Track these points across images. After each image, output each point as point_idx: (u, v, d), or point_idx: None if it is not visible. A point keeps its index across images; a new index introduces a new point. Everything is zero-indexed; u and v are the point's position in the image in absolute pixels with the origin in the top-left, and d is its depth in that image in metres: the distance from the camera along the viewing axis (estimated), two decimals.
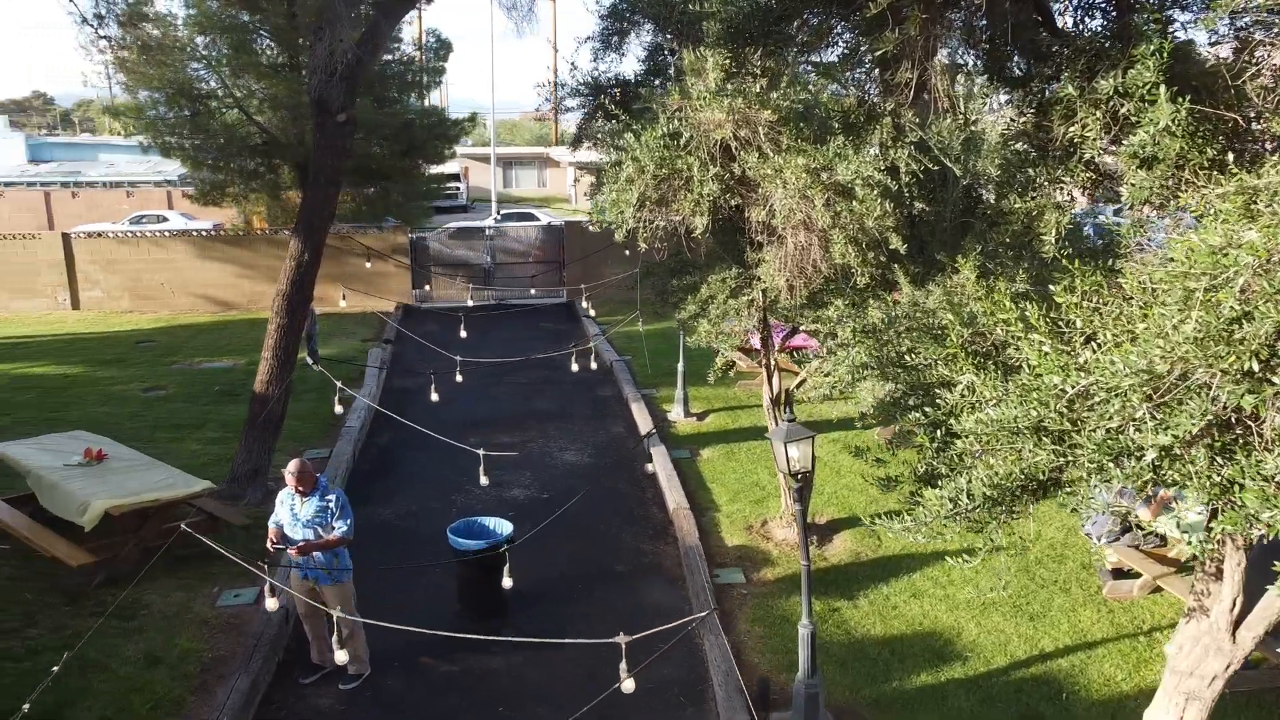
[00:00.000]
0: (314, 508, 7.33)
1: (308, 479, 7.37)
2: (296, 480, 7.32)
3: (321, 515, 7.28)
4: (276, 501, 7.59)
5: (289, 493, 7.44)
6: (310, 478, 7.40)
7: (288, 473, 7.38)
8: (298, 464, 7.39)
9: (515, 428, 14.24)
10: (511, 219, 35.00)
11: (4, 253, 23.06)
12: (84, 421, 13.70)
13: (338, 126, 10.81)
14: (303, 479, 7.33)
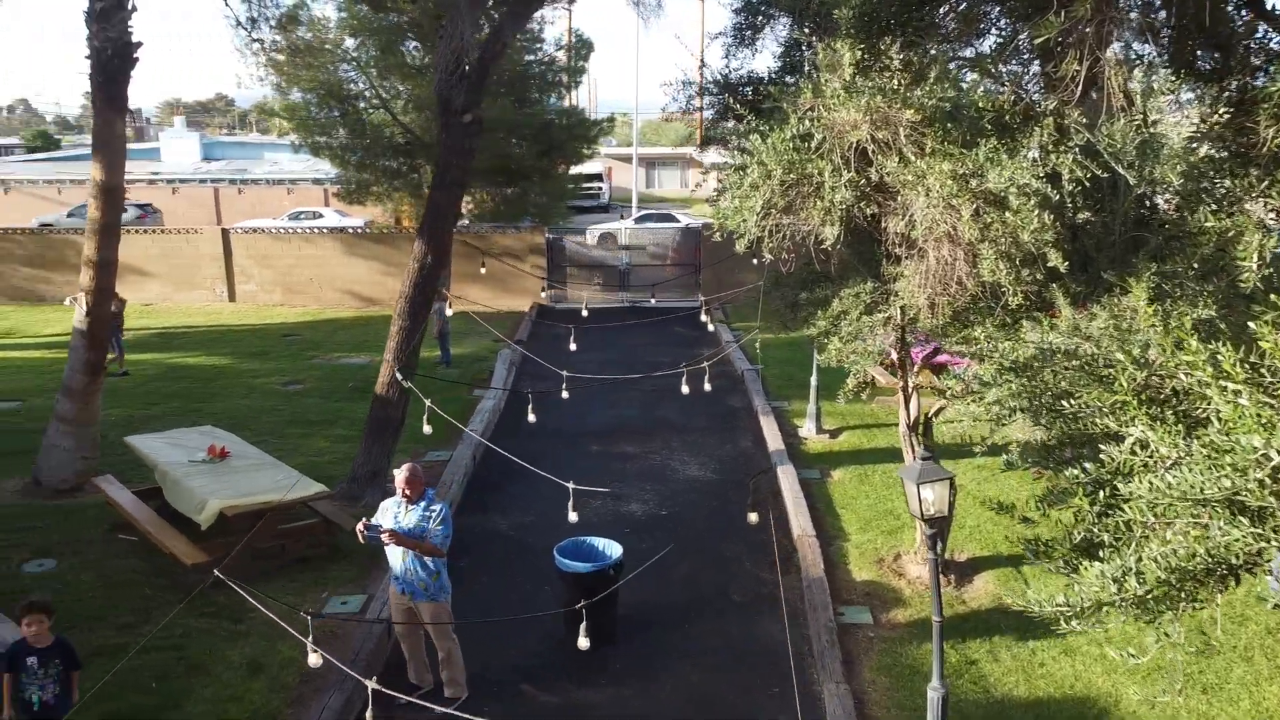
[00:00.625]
0: (417, 516, 7.08)
1: (416, 486, 7.13)
2: (405, 485, 7.09)
3: (423, 524, 7.01)
4: (380, 509, 7.37)
5: (396, 500, 7.22)
6: (419, 485, 7.16)
7: (397, 478, 7.16)
8: (409, 469, 7.16)
9: (638, 437, 13.81)
10: (650, 220, 34.75)
11: (170, 246, 24.34)
12: (225, 413, 14.13)
13: (463, 127, 10.62)
14: (411, 485, 7.10)
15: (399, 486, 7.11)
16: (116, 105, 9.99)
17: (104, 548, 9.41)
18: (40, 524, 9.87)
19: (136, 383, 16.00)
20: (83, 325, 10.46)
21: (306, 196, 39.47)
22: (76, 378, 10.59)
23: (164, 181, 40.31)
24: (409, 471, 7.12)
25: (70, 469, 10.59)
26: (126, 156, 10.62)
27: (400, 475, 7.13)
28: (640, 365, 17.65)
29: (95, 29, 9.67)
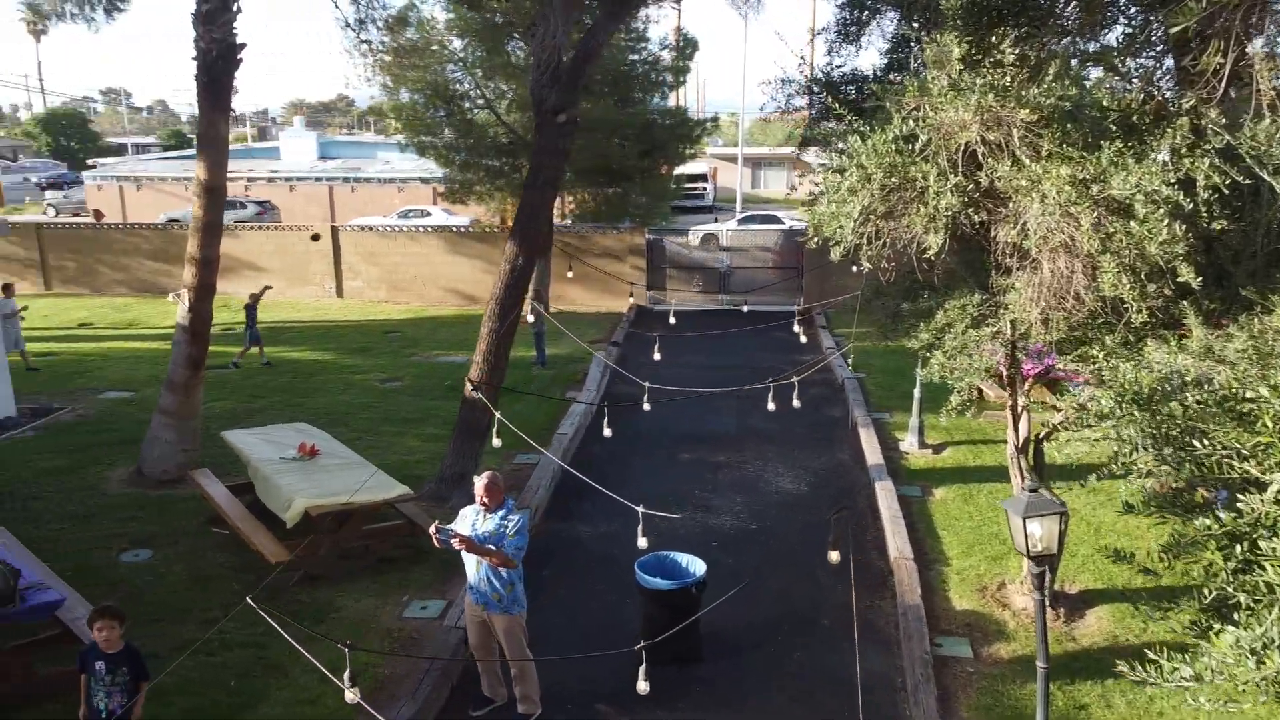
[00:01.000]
0: (494, 525, 6.91)
1: (495, 494, 6.96)
2: (484, 494, 6.94)
3: (499, 534, 6.83)
4: (459, 515, 7.24)
5: (475, 508, 7.06)
6: (498, 493, 6.99)
7: (476, 486, 7.01)
8: (488, 478, 7.00)
9: (731, 446, 13.45)
10: (754, 221, 34.25)
11: (285, 243, 25.09)
12: (323, 409, 14.36)
13: (557, 127, 10.45)
14: (490, 493, 6.94)
15: (478, 494, 6.96)
16: (220, 106, 10.18)
17: (197, 541, 9.58)
18: (140, 514, 10.13)
19: (243, 376, 16.44)
20: (185, 321, 10.71)
21: (416, 195, 40.27)
22: (179, 372, 10.85)
23: (282, 179, 41.72)
24: (488, 480, 6.96)
25: (172, 461, 10.86)
26: (229, 156, 10.82)
27: (480, 483, 6.98)
28: (735, 371, 17.30)
29: (201, 30, 9.85)
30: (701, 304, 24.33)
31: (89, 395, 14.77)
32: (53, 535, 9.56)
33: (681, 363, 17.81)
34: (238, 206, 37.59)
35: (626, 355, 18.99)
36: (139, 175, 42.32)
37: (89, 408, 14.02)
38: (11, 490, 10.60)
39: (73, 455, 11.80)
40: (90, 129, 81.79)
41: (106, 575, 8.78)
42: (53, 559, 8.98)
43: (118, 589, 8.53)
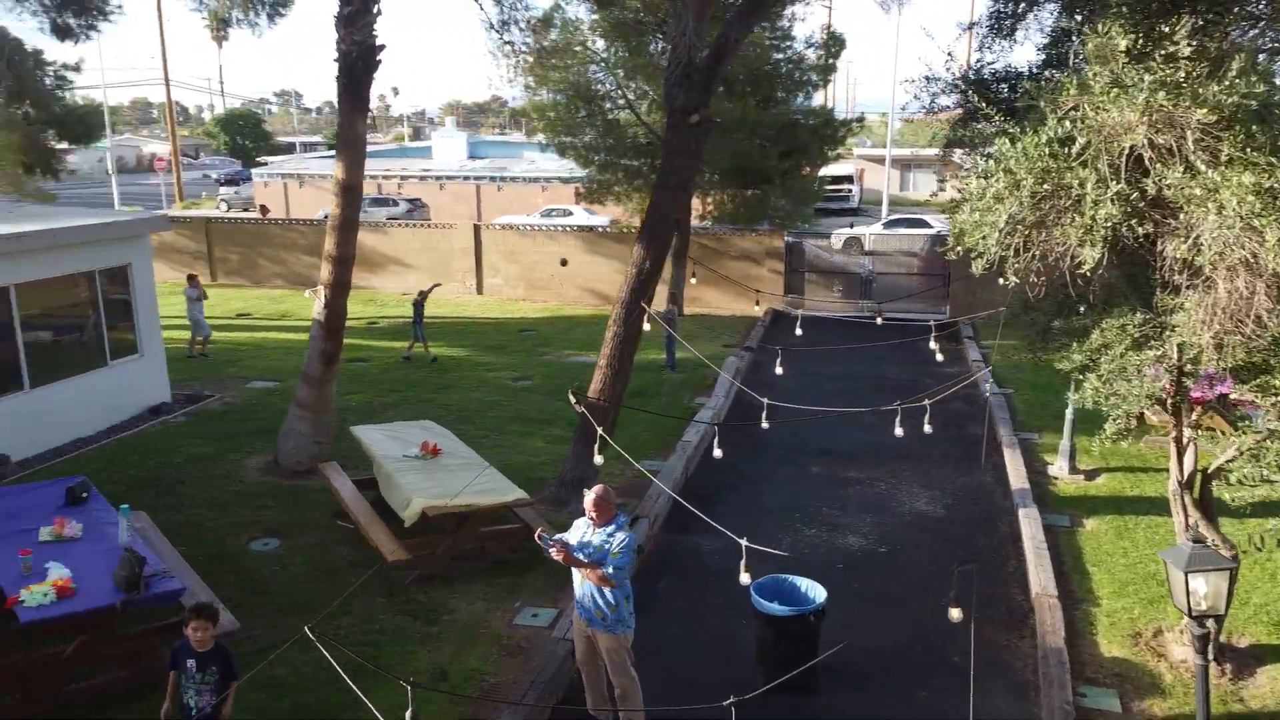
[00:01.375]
0: (600, 540, 6.69)
1: (604, 510, 6.74)
2: (593, 509, 6.72)
3: (602, 554, 6.60)
4: (573, 525, 7.07)
5: (586, 520, 6.87)
6: (607, 509, 6.76)
7: (586, 499, 6.80)
8: (598, 492, 6.79)
9: (864, 461, 12.86)
10: (900, 225, 33.07)
11: (429, 240, 25.77)
12: (454, 405, 14.56)
13: (689, 128, 10.17)
14: (599, 508, 6.72)
15: (587, 508, 6.75)
16: (359, 106, 10.37)
17: (323, 533, 9.78)
18: (272, 504, 10.43)
19: (381, 370, 16.89)
20: (321, 317, 10.98)
21: (559, 194, 40.83)
22: (314, 366, 11.14)
23: (433, 178, 43.07)
24: (598, 494, 6.73)
25: (305, 453, 11.16)
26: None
27: (589, 497, 6.76)
28: (868, 384, 16.60)
29: (343, 33, 10.05)
30: (840, 310, 23.61)
31: (238, 384, 15.46)
32: (192, 520, 9.95)
33: (812, 372, 17.28)
34: (390, 204, 39.04)
35: (760, 361, 18.54)
36: (301, 173, 44.49)
37: (237, 396, 14.65)
38: (159, 475, 11.12)
39: (217, 442, 12.31)
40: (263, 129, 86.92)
41: (236, 562, 9.05)
42: (189, 544, 9.35)
43: (245, 577, 8.77)
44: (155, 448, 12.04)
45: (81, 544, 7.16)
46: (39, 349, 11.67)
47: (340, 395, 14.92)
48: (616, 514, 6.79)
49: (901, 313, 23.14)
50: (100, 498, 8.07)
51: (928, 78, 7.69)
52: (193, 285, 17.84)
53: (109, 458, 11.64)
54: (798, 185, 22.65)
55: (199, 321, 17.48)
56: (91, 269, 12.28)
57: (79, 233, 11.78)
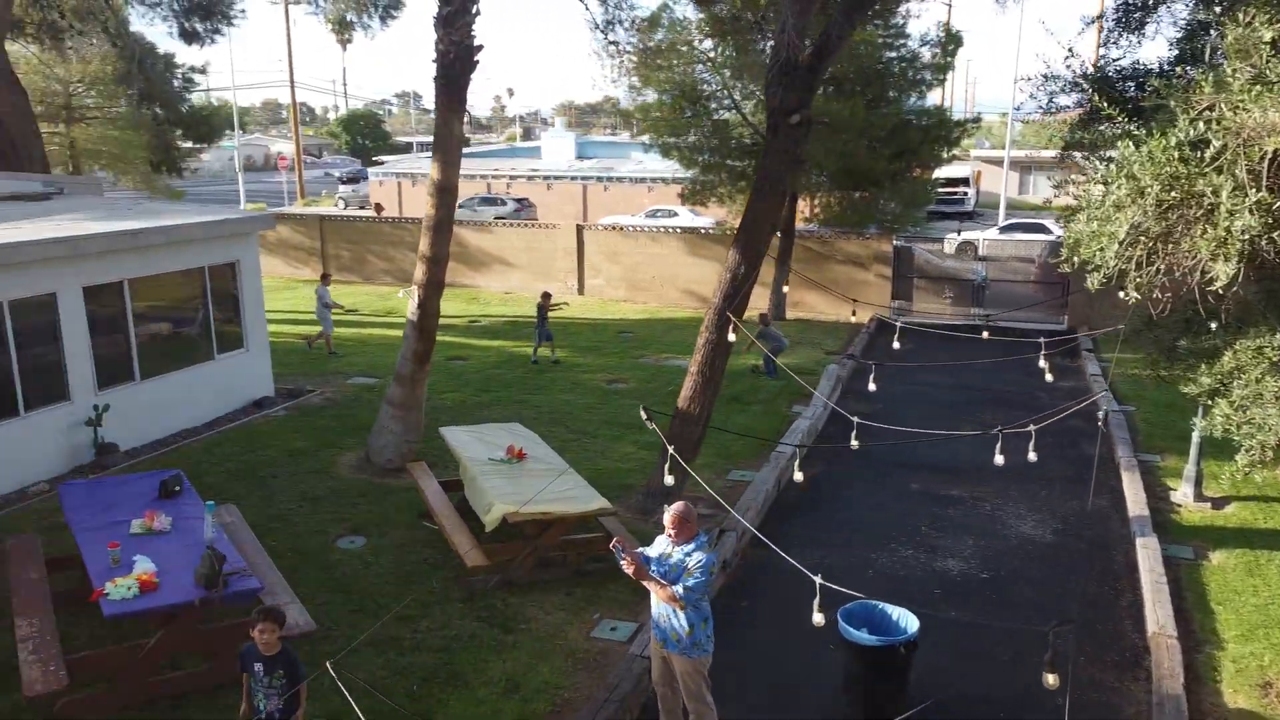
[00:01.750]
0: (678, 558, 6.40)
1: (683, 528, 6.43)
2: (671, 526, 6.44)
3: (679, 573, 6.32)
4: (655, 540, 6.80)
5: (665, 537, 6.60)
6: (687, 528, 6.44)
7: (666, 515, 6.54)
8: (678, 509, 6.47)
9: (969, 478, 12.23)
10: (1018, 230, 31.77)
11: (532, 240, 25.93)
12: (547, 406, 14.50)
13: (789, 129, 9.80)
14: (678, 526, 6.43)
15: (666, 523, 6.48)
16: (455, 107, 10.36)
17: (407, 533, 9.78)
18: (361, 501, 10.51)
19: (477, 369, 16.98)
20: (414, 317, 11.02)
21: (665, 195, 40.69)
22: (406, 365, 11.20)
23: (541, 178, 43.48)
24: (678, 511, 6.43)
25: (395, 451, 11.22)
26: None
27: (669, 513, 6.48)
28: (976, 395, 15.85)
29: (441, 33, 10.05)
30: (950, 318, 22.73)
31: (340, 379, 15.75)
32: (283, 514, 10.10)
33: (919, 381, 16.63)
34: (498, 203, 39.56)
35: (866, 368, 17.92)
36: (414, 172, 45.49)
37: (337, 391, 14.92)
38: (255, 468, 11.35)
39: (314, 437, 12.52)
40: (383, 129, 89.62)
41: (321, 559, 9.11)
42: (277, 538, 9.48)
43: (328, 575, 8.82)
44: (254, 441, 12.32)
45: (169, 538, 7.28)
46: (150, 342, 12.08)
47: (436, 394, 15.06)
48: (699, 532, 6.49)
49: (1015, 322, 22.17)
50: (192, 492, 8.22)
51: (1046, 75, 7.16)
52: (325, 283, 18.35)
53: (209, 449, 11.96)
54: (908, 188, 21.89)
55: (326, 318, 17.97)
56: (201, 265, 12.66)
57: (190, 230, 12.14)
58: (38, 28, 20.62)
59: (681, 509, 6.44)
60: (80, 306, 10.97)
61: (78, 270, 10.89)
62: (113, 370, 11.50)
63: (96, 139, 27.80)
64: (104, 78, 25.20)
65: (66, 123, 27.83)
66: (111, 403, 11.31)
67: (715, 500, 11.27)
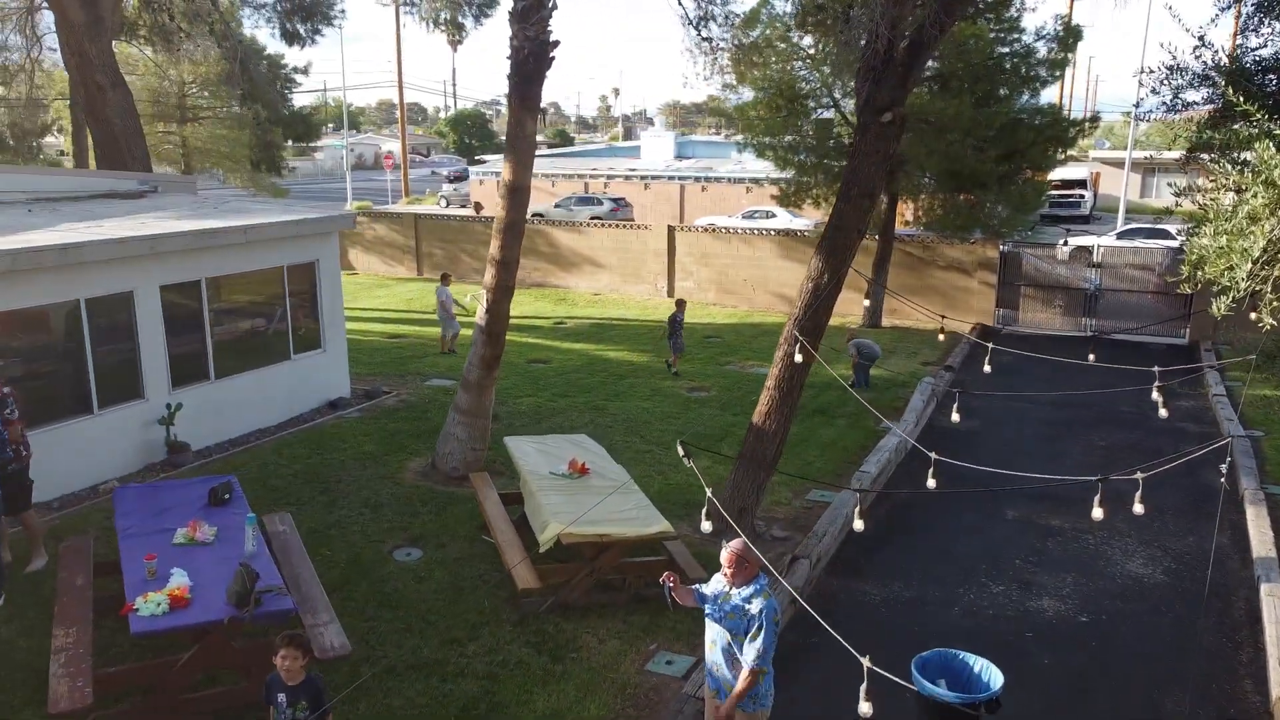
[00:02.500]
0: (736, 603, 5.80)
1: (741, 568, 5.78)
2: (727, 564, 5.82)
3: (736, 619, 5.73)
4: (715, 576, 6.21)
5: (722, 575, 6.00)
6: (745, 568, 5.78)
7: (723, 554, 5.91)
8: (736, 547, 5.80)
9: (1071, 506, 11.27)
10: (1138, 235, 29.92)
11: (622, 241, 25.57)
12: (623, 414, 14.05)
13: (880, 128, 9.10)
14: (736, 566, 5.79)
15: (723, 563, 5.88)
16: (529, 105, 9.97)
17: (466, 546, 9.45)
18: (423, 511, 10.23)
19: (558, 372, 16.66)
20: (482, 322, 10.69)
21: (763, 195, 39.85)
22: (473, 371, 10.88)
23: (638, 178, 43.15)
24: (735, 550, 5.76)
25: (461, 459, 10.93)
26: (535, 156, 10.63)
27: (726, 551, 5.83)
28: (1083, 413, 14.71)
29: (515, 29, 9.68)
30: (1059, 328, 21.42)
31: (417, 381, 15.63)
32: (342, 521, 9.89)
33: (1021, 395, 15.58)
34: (594, 203, 39.42)
35: (963, 381, 16.96)
36: None
37: (413, 393, 14.78)
38: (321, 471, 11.21)
39: (384, 441, 12.35)
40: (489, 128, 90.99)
41: (375, 572, 8.84)
42: (334, 546, 9.27)
43: (379, 588, 8.53)
44: (325, 443, 12.22)
45: (212, 549, 7.08)
46: (226, 341, 12.09)
47: (511, 397, 14.79)
48: (758, 574, 5.86)
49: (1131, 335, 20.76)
50: (242, 500, 8.02)
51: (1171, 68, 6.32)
52: (445, 283, 18.29)
53: (279, 450, 11.90)
54: (1017, 191, 20.67)
55: (449, 320, 17.92)
56: (280, 265, 12.63)
57: (268, 229, 12.11)
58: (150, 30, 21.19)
59: (739, 548, 5.83)
60: (157, 305, 11.02)
61: (155, 269, 10.94)
62: (188, 369, 11.53)
63: (207, 138, 28.71)
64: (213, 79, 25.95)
65: (180, 122, 28.85)
66: (186, 402, 11.34)
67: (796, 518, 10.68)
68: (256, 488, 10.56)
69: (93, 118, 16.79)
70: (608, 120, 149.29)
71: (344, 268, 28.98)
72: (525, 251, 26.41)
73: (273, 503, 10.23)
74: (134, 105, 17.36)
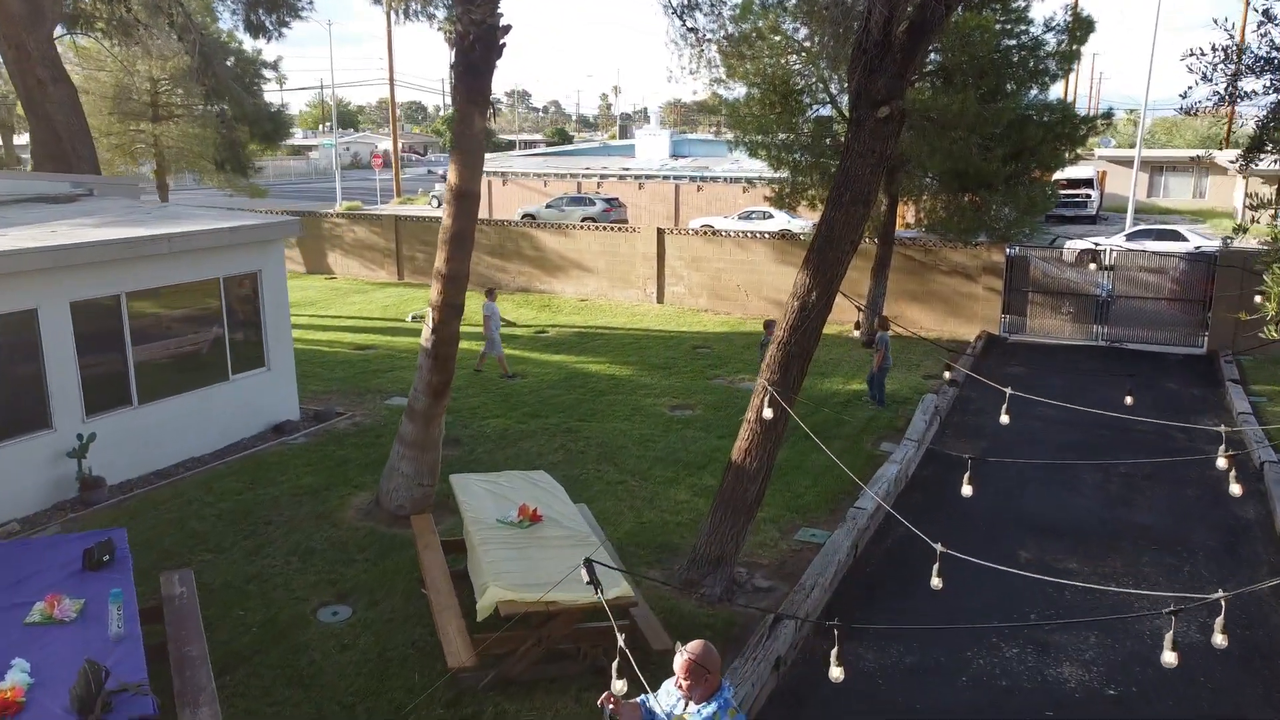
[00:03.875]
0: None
1: (701, 679, 4.55)
2: (682, 674, 4.59)
3: None
4: (663, 687, 4.95)
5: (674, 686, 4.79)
6: (705, 679, 4.56)
7: (676, 660, 4.63)
8: (692, 653, 4.56)
9: (1091, 546, 10.12)
10: (1148, 237, 28.71)
11: (610, 244, 24.39)
12: (598, 438, 12.87)
13: (875, 124, 7.92)
14: (693, 676, 4.56)
15: (677, 671, 4.67)
16: (476, 99, 8.78)
17: (401, 603, 8.27)
18: (359, 558, 9.05)
19: (531, 388, 15.48)
20: (428, 344, 9.49)
21: (761, 195, 38.64)
22: (419, 399, 9.68)
23: (632, 177, 41.94)
24: (694, 655, 4.54)
25: (407, 496, 9.76)
26: (485, 159, 9.45)
27: (681, 658, 4.58)
28: (1101, 435, 13.49)
29: (459, 11, 8.49)
30: (1069, 336, 20.23)
31: (377, 399, 14.43)
32: (264, 573, 8.71)
33: (1034, 413, 14.37)
34: (586, 203, 38.21)
35: (969, 397, 15.79)
36: (505, 171, 44.57)
37: (369, 415, 13.58)
38: (252, 509, 10.04)
39: (328, 472, 11.16)
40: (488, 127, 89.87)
41: (291, 637, 7.67)
42: (249, 606, 8.10)
43: (292, 661, 7.35)
44: (262, 474, 11.03)
45: (73, 630, 5.90)
46: (152, 362, 10.91)
47: (478, 419, 13.62)
48: (721, 685, 4.67)
49: (1144, 345, 19.59)
50: (126, 561, 6.83)
51: (1225, 48, 5.14)
52: (491, 298, 16.68)
53: (210, 484, 10.70)
54: (1025, 192, 19.44)
55: (493, 339, 16.30)
56: (216, 276, 11.46)
57: (195, 239, 10.92)
58: (106, 22, 20.00)
59: (700, 653, 4.58)
60: (67, 324, 9.85)
61: (64, 283, 9.77)
62: (106, 394, 10.36)
63: (179, 137, 27.51)
64: (181, 74, 24.75)
65: (153, 120, 27.64)
66: (105, 430, 10.18)
67: (783, 562, 9.51)
68: (173, 531, 9.40)
69: (32, 114, 15.64)
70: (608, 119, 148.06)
71: (322, 272, 27.83)
72: (510, 255, 25.53)
73: (189, 549, 9.06)
74: (79, 101, 16.20)
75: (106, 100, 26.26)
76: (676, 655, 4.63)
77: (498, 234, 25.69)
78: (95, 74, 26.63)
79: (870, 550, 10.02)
